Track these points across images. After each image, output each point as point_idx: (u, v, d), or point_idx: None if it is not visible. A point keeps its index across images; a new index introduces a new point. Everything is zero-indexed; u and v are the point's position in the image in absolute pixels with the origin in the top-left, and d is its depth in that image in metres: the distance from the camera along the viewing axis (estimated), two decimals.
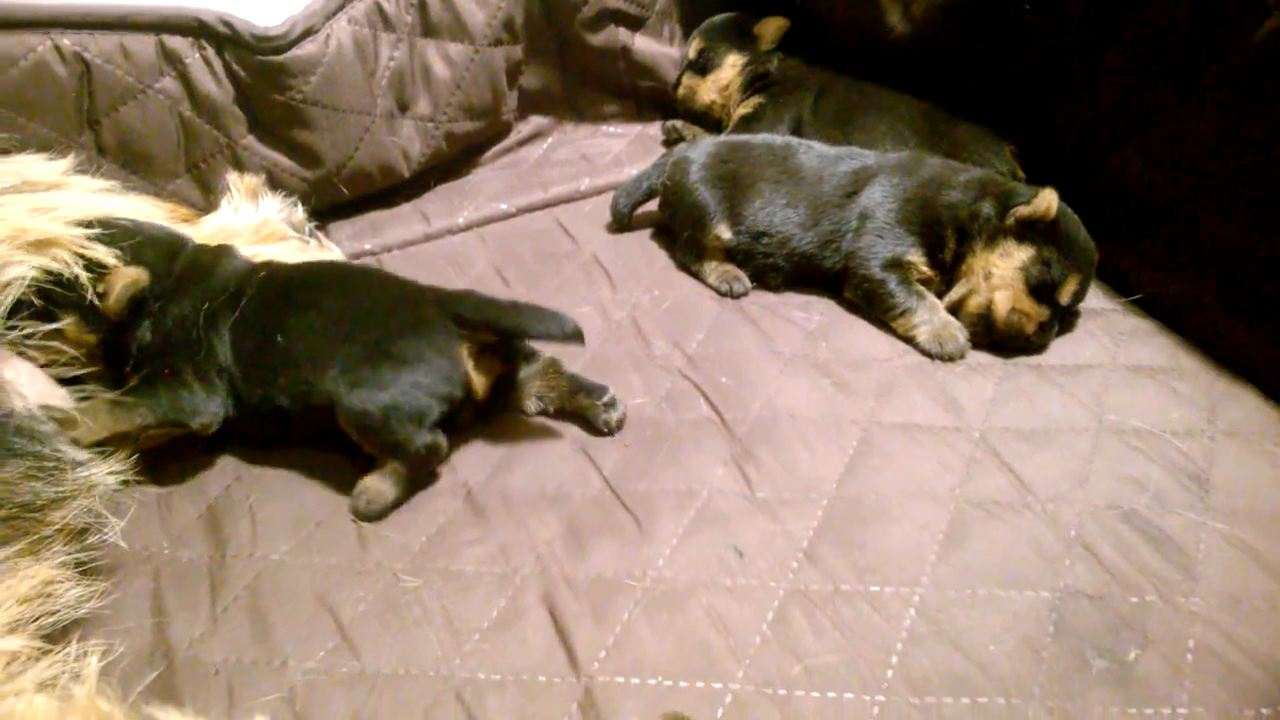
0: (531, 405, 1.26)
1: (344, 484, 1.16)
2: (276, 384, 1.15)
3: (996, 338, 1.34)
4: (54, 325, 1.10)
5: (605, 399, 1.23)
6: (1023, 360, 1.33)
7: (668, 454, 1.20)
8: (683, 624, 0.99)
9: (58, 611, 0.91)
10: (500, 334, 1.19)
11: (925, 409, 1.25)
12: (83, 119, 1.44)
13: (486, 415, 1.24)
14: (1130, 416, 1.22)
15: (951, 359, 1.33)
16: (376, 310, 1.18)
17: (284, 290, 1.21)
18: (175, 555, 1.09)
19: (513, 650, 0.98)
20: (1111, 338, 1.37)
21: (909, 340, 1.36)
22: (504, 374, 1.24)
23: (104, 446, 1.09)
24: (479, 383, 1.19)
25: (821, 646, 0.96)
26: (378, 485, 1.12)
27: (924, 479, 1.15)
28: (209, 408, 1.15)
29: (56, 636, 0.92)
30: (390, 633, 1.00)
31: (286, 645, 0.99)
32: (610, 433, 1.23)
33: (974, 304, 1.35)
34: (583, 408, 1.24)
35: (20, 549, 0.90)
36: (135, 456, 1.10)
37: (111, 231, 1.16)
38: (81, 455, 1.02)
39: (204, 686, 0.94)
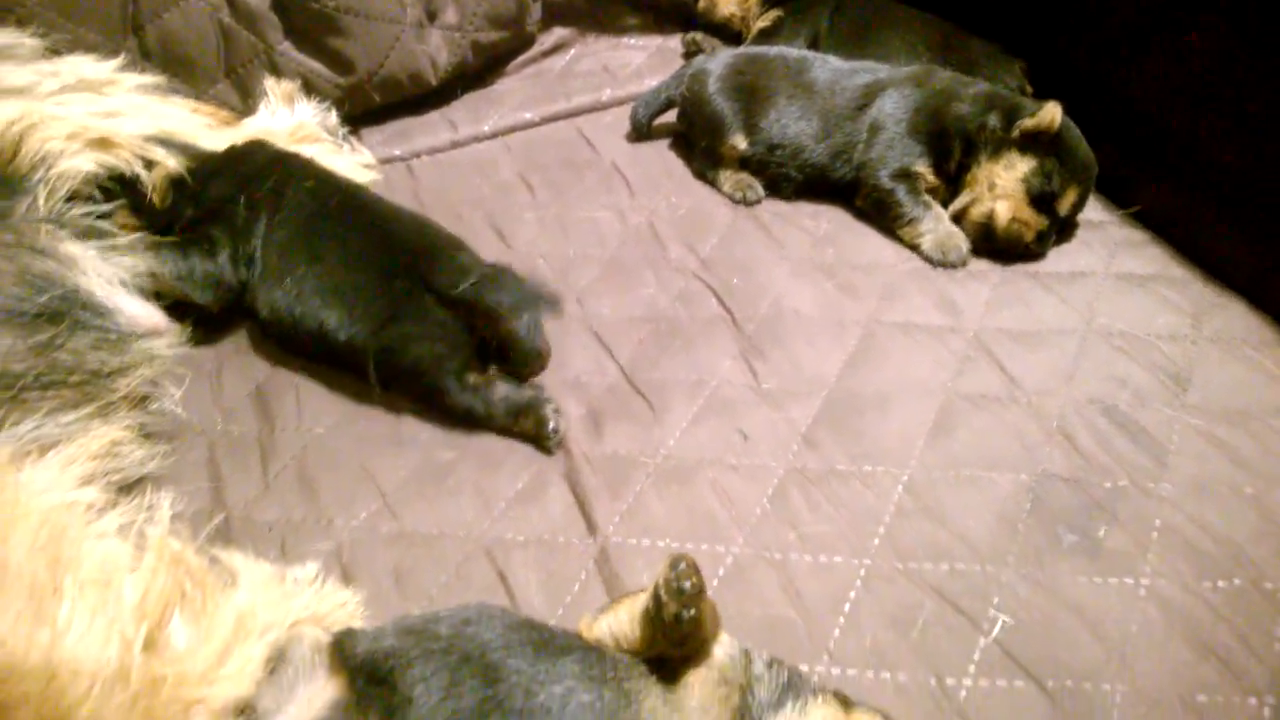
0: None
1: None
2: (290, 305, 1.19)
3: (997, 245, 1.38)
4: (110, 208, 1.17)
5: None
6: (1020, 267, 1.38)
7: (680, 347, 1.26)
8: (690, 496, 1.07)
9: (125, 469, 1.00)
10: (475, 309, 1.16)
11: (924, 310, 1.31)
12: (128, 25, 1.48)
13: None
14: (1118, 321, 1.28)
15: (953, 267, 1.38)
16: (367, 283, 1.18)
17: (310, 221, 1.23)
18: (228, 428, 1.18)
19: (537, 516, 1.06)
20: (1107, 248, 1.42)
21: (914, 248, 1.41)
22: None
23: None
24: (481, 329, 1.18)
25: (816, 518, 1.04)
26: (541, 421, 1.13)
27: (919, 374, 1.21)
28: (223, 282, 1.23)
29: (124, 493, 1.00)
30: (426, 498, 1.08)
31: (332, 507, 1.08)
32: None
33: (976, 212, 1.40)
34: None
35: (90, 412, 0.98)
36: (190, 332, 1.18)
37: (169, 140, 1.24)
38: (141, 328, 1.09)
39: (258, 540, 1.03)
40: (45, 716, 0.69)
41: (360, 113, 1.71)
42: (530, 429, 1.13)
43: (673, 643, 0.76)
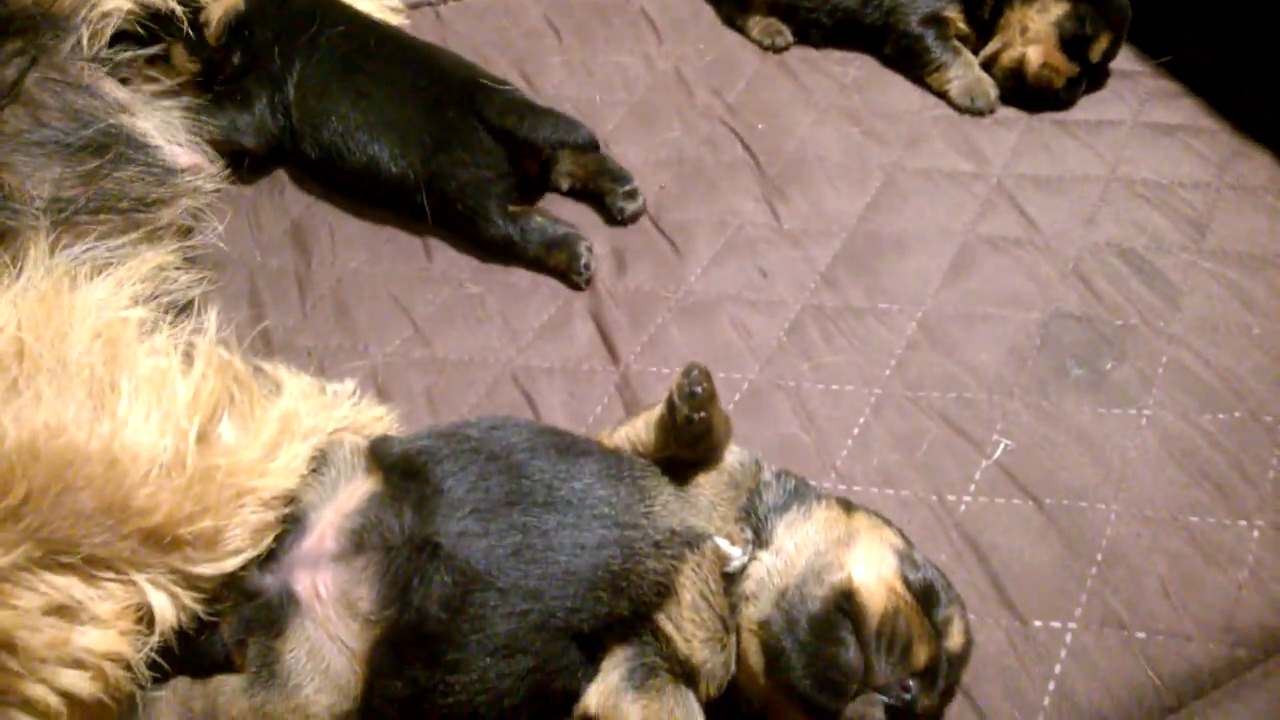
0: (563, 183, 1.26)
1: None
2: (336, 142, 1.21)
3: (1027, 92, 1.35)
4: (154, 51, 1.17)
5: (626, 187, 1.22)
6: (1048, 115, 1.36)
7: (704, 189, 1.27)
8: (709, 328, 1.09)
9: (172, 292, 1.03)
10: (517, 140, 1.17)
11: (948, 156, 1.29)
12: None
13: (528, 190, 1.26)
14: (1142, 169, 1.26)
15: (981, 113, 1.36)
16: (416, 114, 1.19)
17: (349, 61, 1.24)
18: (266, 262, 1.21)
19: (562, 346, 1.09)
20: (1137, 98, 1.38)
21: (942, 95, 1.39)
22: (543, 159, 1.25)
23: None
24: (526, 164, 1.21)
25: (830, 350, 1.06)
26: (574, 256, 1.15)
27: (939, 217, 1.21)
28: (264, 129, 1.25)
29: (172, 316, 1.04)
30: (456, 329, 1.11)
31: (368, 335, 1.11)
32: (624, 221, 1.22)
33: (1007, 58, 1.36)
34: (603, 190, 1.23)
35: (138, 238, 1.01)
36: (229, 171, 1.20)
37: None
38: (182, 164, 1.11)
39: (298, 363, 1.04)
40: (107, 498, 0.74)
41: None
42: (562, 263, 1.15)
43: (685, 444, 0.79)
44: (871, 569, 0.73)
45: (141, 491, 0.75)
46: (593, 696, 0.77)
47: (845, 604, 0.70)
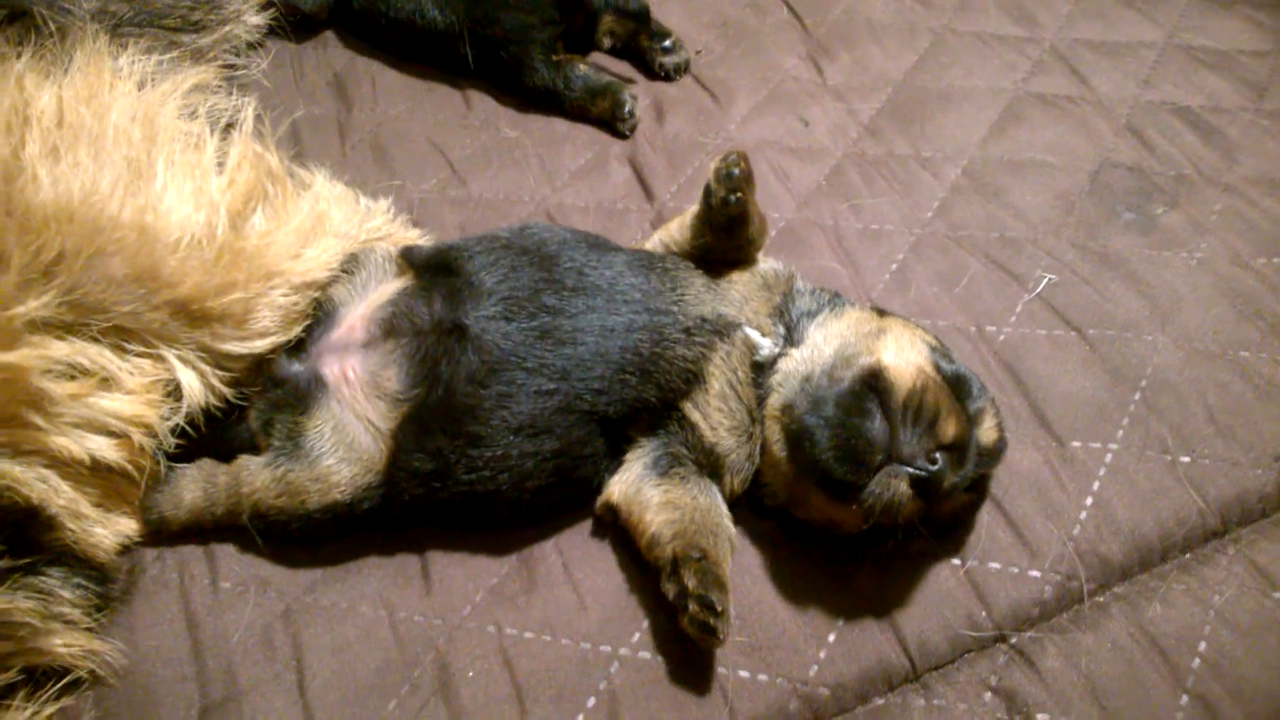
0: (605, 41, 1.22)
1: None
2: None
3: None
4: None
5: (667, 42, 1.18)
6: None
7: (747, 48, 1.22)
8: None
9: (214, 113, 1.01)
10: (572, 5, 1.14)
11: (1000, 21, 1.23)
12: None
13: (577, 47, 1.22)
14: (1201, 37, 1.19)
15: None
16: None
17: None
18: (308, 110, 1.18)
19: (597, 186, 1.06)
20: None
21: None
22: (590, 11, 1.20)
23: None
24: (573, 16, 1.18)
25: (871, 193, 1.02)
26: (618, 103, 1.11)
27: (988, 75, 1.15)
28: None
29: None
30: (492, 170, 1.08)
31: (404, 174, 1.08)
32: (667, 75, 1.18)
33: None
34: (645, 47, 1.20)
35: (181, 55, 1.00)
36: (274, 11, 1.18)
37: None
38: None
39: None
40: (138, 266, 0.72)
41: None
42: (606, 110, 1.11)
43: (719, 230, 0.76)
44: (902, 354, 0.69)
45: (171, 259, 0.73)
46: (615, 486, 0.74)
47: (873, 381, 0.66)
